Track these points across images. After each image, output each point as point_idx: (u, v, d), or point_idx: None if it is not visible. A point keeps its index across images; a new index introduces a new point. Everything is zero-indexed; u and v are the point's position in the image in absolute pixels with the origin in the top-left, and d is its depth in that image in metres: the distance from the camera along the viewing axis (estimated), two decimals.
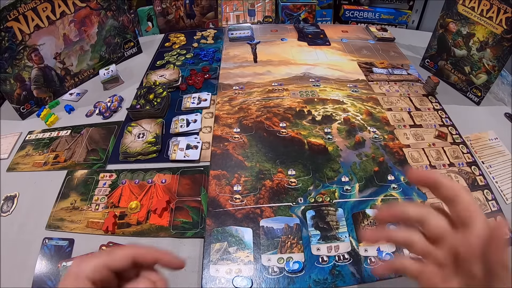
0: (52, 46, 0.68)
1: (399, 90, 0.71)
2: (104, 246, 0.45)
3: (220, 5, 0.98)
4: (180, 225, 0.48)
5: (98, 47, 0.77)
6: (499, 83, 0.71)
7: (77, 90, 0.75)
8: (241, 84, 0.72)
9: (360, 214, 0.49)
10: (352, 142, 0.59)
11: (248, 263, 0.43)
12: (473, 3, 0.65)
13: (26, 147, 0.62)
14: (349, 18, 1.02)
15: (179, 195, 0.52)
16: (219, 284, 0.41)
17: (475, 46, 0.67)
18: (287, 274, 0.42)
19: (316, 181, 0.53)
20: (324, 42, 0.88)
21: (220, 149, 0.58)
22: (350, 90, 0.71)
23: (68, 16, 0.68)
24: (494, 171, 0.57)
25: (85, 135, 0.63)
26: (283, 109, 0.66)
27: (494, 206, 0.51)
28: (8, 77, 0.63)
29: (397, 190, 0.52)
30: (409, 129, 0.62)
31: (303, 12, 0.98)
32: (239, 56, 0.82)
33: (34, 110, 0.69)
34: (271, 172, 0.54)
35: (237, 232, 0.47)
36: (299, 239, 0.46)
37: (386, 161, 0.56)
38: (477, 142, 0.61)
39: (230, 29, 0.93)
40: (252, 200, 0.50)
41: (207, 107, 0.67)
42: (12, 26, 0.60)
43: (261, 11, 1.00)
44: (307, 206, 0.50)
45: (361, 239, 0.45)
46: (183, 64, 0.80)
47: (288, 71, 0.77)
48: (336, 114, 0.65)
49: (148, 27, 0.97)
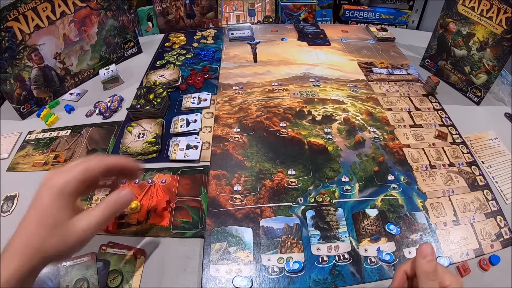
0: (52, 46, 0.68)
1: (399, 90, 0.71)
2: (104, 246, 0.45)
3: (220, 5, 0.98)
4: (180, 225, 0.48)
5: (98, 47, 0.77)
6: (499, 83, 0.71)
7: (77, 90, 0.75)
8: (241, 84, 0.72)
9: (360, 214, 0.49)
10: (352, 142, 0.59)
11: (248, 263, 0.43)
12: (473, 3, 0.65)
13: (26, 147, 0.62)
14: (349, 18, 1.03)
15: (179, 195, 0.52)
16: (219, 284, 0.41)
17: (475, 46, 0.67)
18: (287, 274, 0.42)
19: (316, 181, 0.53)
20: (324, 42, 0.88)
21: (220, 149, 0.58)
22: (350, 90, 0.71)
23: (68, 16, 0.68)
24: (494, 171, 0.57)
25: (85, 135, 0.63)
26: (283, 109, 0.66)
27: (494, 206, 0.51)
28: (8, 77, 0.63)
29: (397, 190, 0.52)
30: (409, 129, 0.62)
31: (303, 12, 0.98)
32: (239, 56, 0.82)
33: (34, 110, 0.69)
34: (271, 172, 0.54)
35: (237, 232, 0.47)
36: (299, 239, 0.46)
37: (386, 161, 0.56)
38: (477, 142, 0.61)
39: (230, 29, 0.93)
40: (252, 200, 0.50)
41: (207, 107, 0.67)
42: (12, 26, 0.60)
43: (261, 11, 1.00)
44: (307, 206, 0.50)
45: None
46: (183, 64, 0.80)
47: (288, 71, 0.77)
48: (336, 114, 0.65)
49: (148, 27, 0.97)
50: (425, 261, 0.33)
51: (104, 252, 0.45)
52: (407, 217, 0.49)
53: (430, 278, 0.32)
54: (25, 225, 0.32)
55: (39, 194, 0.33)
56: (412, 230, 0.47)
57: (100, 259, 0.44)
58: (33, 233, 0.31)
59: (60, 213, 0.32)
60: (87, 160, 0.35)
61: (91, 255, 0.44)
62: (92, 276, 0.42)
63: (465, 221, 0.49)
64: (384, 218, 0.48)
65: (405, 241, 0.46)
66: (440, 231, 0.47)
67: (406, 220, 0.48)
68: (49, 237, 0.31)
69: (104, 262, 0.44)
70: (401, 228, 0.47)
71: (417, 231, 0.47)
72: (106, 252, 0.45)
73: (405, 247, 0.45)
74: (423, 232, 0.47)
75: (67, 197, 0.33)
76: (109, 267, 0.43)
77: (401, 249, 0.45)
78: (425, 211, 0.50)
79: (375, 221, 0.48)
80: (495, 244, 0.47)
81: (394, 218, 0.49)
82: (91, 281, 0.42)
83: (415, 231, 0.47)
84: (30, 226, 0.32)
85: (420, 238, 0.47)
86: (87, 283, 0.42)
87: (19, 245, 0.31)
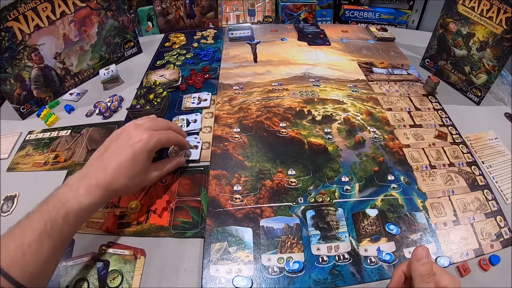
0: (52, 46, 0.68)
1: (399, 90, 0.71)
2: (104, 246, 0.45)
3: (220, 5, 0.98)
4: (180, 225, 0.48)
5: (98, 47, 0.77)
6: (499, 83, 0.71)
7: (77, 90, 0.75)
8: (241, 84, 0.72)
9: (360, 214, 0.49)
10: (352, 142, 0.59)
11: (248, 263, 0.43)
12: (473, 3, 0.65)
13: (26, 147, 0.62)
14: (349, 18, 1.03)
15: (179, 195, 0.52)
16: (219, 284, 0.41)
17: (475, 46, 0.67)
18: (287, 274, 0.42)
19: (316, 181, 0.53)
20: (324, 42, 0.88)
21: (220, 149, 0.58)
22: (350, 90, 0.71)
23: (68, 16, 0.68)
24: (494, 171, 0.57)
25: (85, 135, 0.63)
26: (283, 109, 0.66)
27: (494, 206, 0.51)
28: (8, 77, 0.63)
29: (397, 190, 0.52)
30: (409, 129, 0.62)
31: (303, 12, 0.98)
32: (239, 56, 0.82)
33: (34, 110, 0.69)
34: (271, 172, 0.54)
35: (237, 232, 0.47)
36: (299, 239, 0.46)
37: (386, 161, 0.56)
38: (477, 142, 0.61)
39: (230, 29, 0.93)
40: (252, 200, 0.50)
41: (207, 107, 0.67)
42: (12, 26, 0.60)
43: (261, 11, 1.00)
44: (307, 206, 0.50)
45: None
46: (183, 64, 0.80)
47: (288, 71, 0.77)
48: (336, 114, 0.65)
49: (148, 27, 0.97)
50: (419, 264, 0.33)
51: (104, 252, 0.45)
52: (407, 217, 0.49)
53: (425, 280, 0.33)
54: (114, 166, 0.41)
55: (136, 153, 0.42)
56: (412, 230, 0.47)
57: (100, 259, 0.44)
58: (121, 175, 0.41)
59: (145, 163, 0.44)
60: (170, 130, 0.48)
61: (91, 255, 0.44)
62: (92, 276, 0.42)
63: (465, 221, 0.49)
64: (384, 218, 0.48)
65: (405, 241, 0.46)
66: (440, 231, 0.47)
67: (406, 220, 0.48)
68: (131, 180, 0.42)
69: (104, 262, 0.44)
70: (401, 228, 0.47)
71: (417, 231, 0.47)
72: (106, 252, 0.45)
73: (405, 247, 0.45)
74: (423, 232, 0.47)
75: (152, 152, 0.45)
76: (109, 267, 0.43)
77: (401, 249, 0.45)
78: (425, 211, 0.50)
79: (375, 221, 0.48)
80: (495, 244, 0.47)
81: (394, 218, 0.49)
82: (91, 281, 0.42)
83: (415, 231, 0.47)
84: (121, 169, 0.41)
85: (420, 238, 0.47)
86: (87, 283, 0.42)
87: (104, 182, 0.40)
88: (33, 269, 0.34)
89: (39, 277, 0.35)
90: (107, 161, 0.42)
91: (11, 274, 0.32)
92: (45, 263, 0.35)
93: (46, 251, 0.35)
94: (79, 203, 0.38)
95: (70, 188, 0.39)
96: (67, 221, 0.37)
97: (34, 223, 0.35)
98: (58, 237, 0.36)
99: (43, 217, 0.36)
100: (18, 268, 0.33)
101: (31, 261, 0.34)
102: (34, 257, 0.34)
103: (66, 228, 0.37)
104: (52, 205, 0.37)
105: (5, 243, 0.34)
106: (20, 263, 0.33)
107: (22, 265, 0.33)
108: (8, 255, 0.33)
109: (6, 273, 0.32)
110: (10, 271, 0.32)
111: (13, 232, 0.35)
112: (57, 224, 0.36)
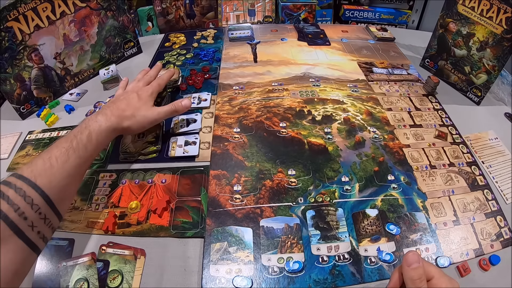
0: (52, 46, 0.68)
1: (399, 90, 0.71)
2: (104, 246, 0.45)
3: (220, 5, 0.98)
4: (180, 225, 0.48)
5: (98, 47, 0.77)
6: (499, 83, 0.71)
7: (77, 90, 0.75)
8: (241, 84, 0.72)
9: (360, 214, 0.49)
10: (352, 142, 0.59)
11: (248, 263, 0.43)
12: (473, 3, 0.65)
13: (26, 147, 0.62)
14: (349, 18, 1.03)
15: (179, 195, 0.52)
16: (219, 284, 0.41)
17: (475, 46, 0.67)
18: (287, 274, 0.42)
19: (316, 181, 0.53)
20: (324, 42, 0.88)
21: (220, 149, 0.58)
22: (350, 90, 0.71)
23: (68, 16, 0.68)
24: (494, 171, 0.57)
25: None
26: (283, 109, 0.66)
27: (494, 206, 0.51)
28: (8, 77, 0.63)
29: (397, 190, 0.52)
30: (409, 129, 0.62)
31: (303, 12, 0.98)
32: (239, 56, 0.82)
33: (34, 110, 0.69)
34: (271, 172, 0.54)
35: (237, 232, 0.47)
36: (299, 239, 0.46)
37: (386, 161, 0.56)
38: (477, 142, 0.61)
39: (230, 29, 0.93)
40: (252, 200, 0.50)
41: (207, 107, 0.67)
42: (12, 26, 0.60)
43: (261, 11, 1.00)
44: (307, 206, 0.50)
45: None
46: (183, 64, 0.80)
47: (288, 71, 0.77)
48: (336, 114, 0.65)
49: (148, 27, 0.97)
50: (410, 268, 0.34)
51: (104, 252, 0.45)
52: (407, 217, 0.49)
53: (416, 284, 0.33)
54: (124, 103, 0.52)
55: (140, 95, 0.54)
56: (412, 230, 0.47)
57: (100, 259, 0.44)
58: (130, 108, 0.52)
59: (149, 101, 0.55)
60: (158, 81, 0.60)
61: (91, 255, 0.44)
62: (92, 276, 0.42)
63: (465, 221, 0.49)
64: (384, 218, 0.48)
65: (405, 241, 0.46)
66: (440, 231, 0.47)
67: (406, 220, 0.48)
68: (138, 111, 0.52)
69: (104, 262, 0.44)
70: (401, 228, 0.47)
71: (417, 231, 0.47)
72: (106, 252, 0.45)
73: (405, 247, 0.45)
74: (423, 232, 0.47)
75: (152, 97, 0.56)
76: (109, 267, 0.43)
77: (401, 249, 0.45)
78: (425, 211, 0.50)
79: (375, 221, 0.48)
80: (495, 244, 0.47)
81: (394, 218, 0.49)
82: (91, 281, 0.42)
83: (415, 231, 0.47)
84: (129, 104, 0.52)
85: (420, 238, 0.47)
86: (87, 283, 0.42)
87: (117, 112, 0.50)
88: (58, 181, 0.38)
89: (63, 190, 0.39)
90: (117, 102, 0.52)
91: (38, 183, 0.36)
92: (70, 177, 0.40)
93: (71, 165, 0.40)
94: (99, 126, 0.46)
95: (89, 118, 0.48)
96: (90, 139, 0.44)
97: (61, 143, 0.42)
98: (82, 153, 0.42)
99: (69, 137, 0.43)
100: (45, 178, 0.37)
101: (57, 172, 0.38)
102: (60, 169, 0.39)
103: (90, 147, 0.44)
104: (76, 130, 0.45)
105: (33, 160, 0.39)
106: (47, 173, 0.38)
107: (49, 175, 0.38)
108: (35, 168, 0.37)
109: (33, 182, 0.36)
110: (37, 181, 0.36)
111: (41, 154, 0.40)
112: (82, 141, 0.43)
